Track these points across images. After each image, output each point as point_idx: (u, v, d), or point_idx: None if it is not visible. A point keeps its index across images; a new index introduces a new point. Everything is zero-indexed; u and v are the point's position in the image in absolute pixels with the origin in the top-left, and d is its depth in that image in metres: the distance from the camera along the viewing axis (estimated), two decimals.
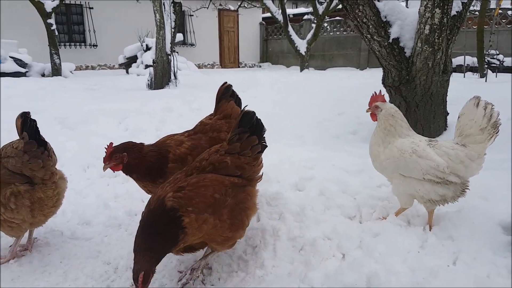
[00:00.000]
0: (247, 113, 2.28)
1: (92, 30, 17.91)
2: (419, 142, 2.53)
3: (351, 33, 19.64)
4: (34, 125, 2.46)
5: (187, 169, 2.22)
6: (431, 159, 2.42)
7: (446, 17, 3.97)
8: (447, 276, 2.06)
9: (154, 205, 1.98)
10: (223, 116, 2.83)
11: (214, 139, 2.67)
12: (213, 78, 13.41)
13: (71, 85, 10.16)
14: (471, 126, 2.45)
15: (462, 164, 2.43)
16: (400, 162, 2.49)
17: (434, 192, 2.45)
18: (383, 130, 2.58)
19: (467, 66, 12.21)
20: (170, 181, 2.12)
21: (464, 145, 2.47)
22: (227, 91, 2.88)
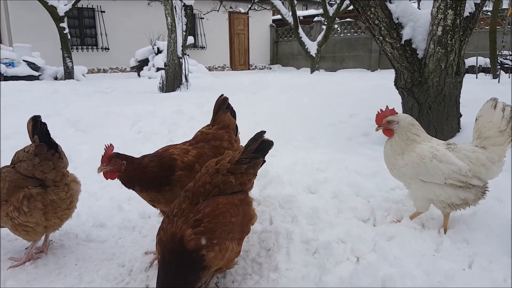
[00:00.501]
0: (266, 142, 2.23)
1: (104, 34, 18.13)
2: (438, 146, 2.50)
3: (362, 35, 19.56)
4: (44, 128, 2.49)
5: (189, 196, 2.09)
6: (453, 163, 2.40)
7: (459, 18, 3.94)
8: (462, 280, 2.04)
9: (172, 245, 1.87)
10: (222, 126, 2.88)
11: (217, 148, 2.73)
12: (223, 80, 13.48)
13: (84, 88, 10.28)
14: (489, 128, 2.43)
15: (484, 167, 2.41)
16: (420, 168, 2.45)
17: (456, 196, 2.43)
18: (405, 140, 2.52)
19: (479, 67, 12.07)
20: (176, 213, 2.00)
21: (484, 147, 2.45)
22: (224, 103, 2.94)
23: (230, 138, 2.85)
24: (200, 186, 2.11)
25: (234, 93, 9.16)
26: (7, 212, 2.42)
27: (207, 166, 2.24)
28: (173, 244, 1.87)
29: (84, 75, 14.27)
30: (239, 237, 2.14)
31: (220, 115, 2.90)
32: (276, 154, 4.31)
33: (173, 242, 1.87)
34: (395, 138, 2.56)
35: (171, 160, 2.51)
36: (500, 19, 13.44)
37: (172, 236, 1.89)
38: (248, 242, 2.67)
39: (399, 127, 2.55)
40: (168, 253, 1.87)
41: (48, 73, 13.52)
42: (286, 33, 23.41)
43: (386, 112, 2.60)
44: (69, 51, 13.12)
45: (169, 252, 1.87)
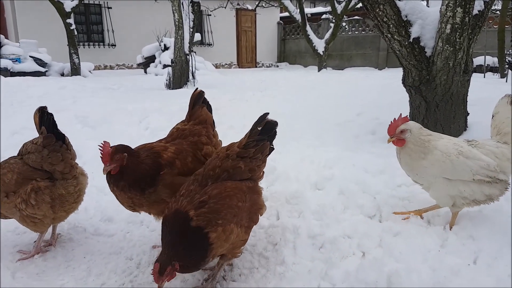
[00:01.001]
0: (270, 123, 2.31)
1: (111, 30, 18.20)
2: (460, 143, 2.51)
3: (370, 33, 19.48)
4: (51, 118, 2.49)
5: (199, 179, 2.15)
6: (480, 159, 2.41)
7: (467, 16, 3.93)
8: (468, 275, 2.06)
9: (174, 221, 1.93)
10: (199, 122, 2.78)
11: (195, 143, 2.64)
12: (230, 78, 13.51)
13: (91, 85, 10.34)
14: (507, 124, 2.47)
15: (509, 161, 2.44)
16: (445, 166, 2.43)
17: (481, 192, 2.44)
18: (422, 144, 2.49)
19: (487, 66, 12.00)
20: (183, 194, 2.06)
21: (506, 142, 2.48)
22: (200, 98, 2.86)
23: (208, 133, 2.76)
24: (210, 170, 2.17)
25: (241, 91, 9.23)
26: (15, 203, 2.43)
27: (218, 152, 2.31)
28: (175, 220, 1.93)
29: (91, 71, 14.33)
30: (247, 225, 2.17)
31: (196, 110, 2.82)
32: (284, 151, 4.34)
33: (175, 218, 1.94)
34: (410, 146, 2.52)
35: (158, 156, 2.42)
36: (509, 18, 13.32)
37: (175, 213, 1.95)
38: (255, 236, 2.70)
39: (411, 135, 2.51)
40: (169, 225, 1.94)
41: (54, 69, 13.62)
42: (294, 30, 23.36)
43: (398, 122, 2.55)
44: (75, 47, 13.19)
45: (171, 224, 1.93)
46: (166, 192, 2.36)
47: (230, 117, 6.09)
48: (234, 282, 2.30)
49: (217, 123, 5.58)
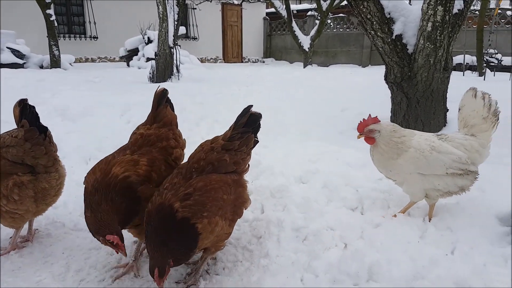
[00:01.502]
0: (255, 115, 2.32)
1: (93, 22, 17.84)
2: (432, 138, 2.58)
3: (354, 30, 19.68)
4: (34, 111, 2.42)
5: (183, 172, 2.12)
6: (452, 153, 2.48)
7: (448, 14, 4.03)
8: (445, 265, 2.13)
9: (159, 215, 1.91)
10: (164, 124, 2.55)
11: (165, 149, 2.43)
12: (216, 72, 13.43)
13: (71, 77, 10.12)
14: (474, 117, 2.56)
15: (478, 153, 2.53)
16: (420, 162, 2.49)
17: (454, 184, 2.52)
18: (394, 145, 2.53)
19: (466, 64, 12.27)
20: (166, 187, 2.03)
21: (473, 135, 2.56)
22: (164, 96, 2.61)
23: (175, 135, 2.57)
24: (194, 163, 2.16)
25: (227, 85, 9.20)
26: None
27: (202, 145, 2.29)
28: (159, 212, 1.91)
29: (72, 64, 14.00)
30: (231, 218, 2.19)
31: (161, 111, 2.57)
32: (269, 145, 4.37)
33: (160, 213, 1.91)
34: (382, 147, 2.56)
35: (124, 182, 2.13)
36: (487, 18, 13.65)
37: (159, 206, 1.93)
38: (239, 230, 2.73)
39: (381, 136, 2.56)
40: (154, 220, 1.92)
41: (33, 61, 13.25)
42: (280, 26, 23.38)
43: (368, 121, 2.60)
44: (55, 39, 12.87)
45: (156, 219, 1.91)
46: None
47: (216, 111, 6.09)
48: (217, 275, 2.30)
49: (203, 117, 5.68)
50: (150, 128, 2.49)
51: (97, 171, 2.17)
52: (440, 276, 2.05)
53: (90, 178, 2.16)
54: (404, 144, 2.52)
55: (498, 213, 2.65)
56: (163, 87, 2.67)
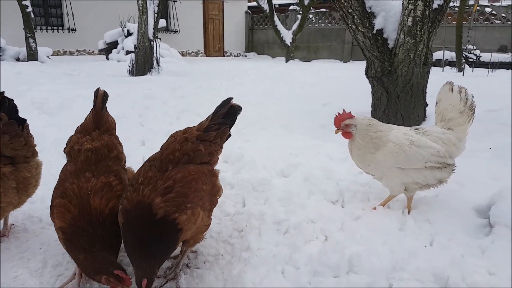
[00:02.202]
0: (234, 107, 2.28)
1: (71, 14, 17.42)
2: (410, 132, 2.60)
3: (336, 25, 19.78)
4: (12, 103, 2.39)
5: (156, 164, 2.03)
6: (430, 147, 2.51)
7: (428, 9, 4.07)
8: (424, 256, 2.16)
9: (138, 213, 1.82)
10: (106, 130, 2.36)
11: (117, 158, 2.28)
12: (198, 66, 13.33)
13: (49, 70, 9.90)
14: (450, 111, 2.60)
15: (455, 146, 2.57)
16: (399, 157, 2.50)
17: (433, 177, 2.55)
18: (371, 140, 2.53)
19: (446, 60, 12.50)
20: (142, 181, 1.93)
21: (450, 128, 2.60)
22: (106, 99, 2.43)
23: (117, 139, 2.41)
24: (169, 154, 2.08)
25: (208, 79, 9.15)
26: None
27: (174, 136, 2.21)
28: (139, 212, 1.83)
29: (49, 57, 13.70)
30: (209, 208, 2.16)
31: (103, 115, 2.39)
32: (252, 139, 4.37)
33: (139, 210, 1.83)
34: (358, 141, 2.57)
35: (112, 215, 1.99)
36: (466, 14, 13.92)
37: (138, 204, 1.85)
38: (220, 224, 2.71)
39: (357, 130, 2.57)
40: (133, 221, 1.83)
41: (9, 53, 12.88)
42: (262, 20, 23.31)
43: (343, 116, 2.60)
44: (32, 31, 12.54)
45: (135, 220, 1.83)
46: None
47: (197, 105, 6.04)
48: (198, 269, 2.28)
49: (183, 110, 5.63)
50: (93, 139, 2.28)
51: (71, 208, 1.96)
52: (419, 267, 2.08)
53: (64, 217, 1.95)
54: (381, 139, 2.53)
55: (475, 206, 2.70)
56: (103, 89, 2.45)
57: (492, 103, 5.50)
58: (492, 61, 11.17)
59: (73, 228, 1.93)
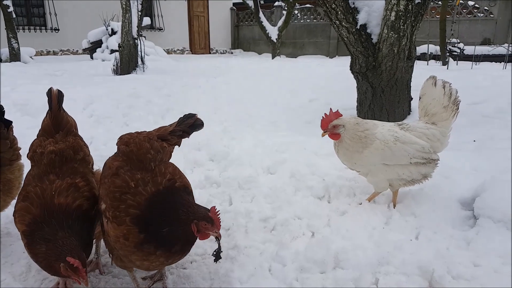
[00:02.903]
0: (200, 121, 2.30)
1: (54, 13, 17.12)
2: (395, 128, 2.59)
3: (321, 21, 19.80)
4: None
5: (134, 167, 1.93)
6: (416, 143, 2.50)
7: (411, 4, 4.09)
8: (410, 250, 2.18)
9: (164, 197, 1.80)
10: (68, 131, 2.25)
11: (84, 160, 2.17)
12: (183, 64, 13.23)
13: (32, 71, 9.74)
14: (434, 105, 2.59)
15: (439, 142, 2.57)
16: (385, 153, 2.49)
17: (418, 172, 2.55)
18: (359, 140, 2.51)
19: (430, 54, 12.61)
20: (136, 184, 1.83)
21: (434, 123, 2.60)
22: (62, 98, 2.32)
23: (84, 143, 2.31)
24: (145, 153, 1.99)
25: (194, 77, 9.08)
26: None
27: (133, 137, 2.10)
28: (164, 196, 1.81)
29: (32, 57, 13.45)
30: None
31: (62, 116, 2.27)
32: (238, 137, 4.35)
33: (161, 195, 1.81)
34: (347, 141, 2.53)
35: (79, 211, 1.92)
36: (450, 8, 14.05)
37: (157, 192, 1.80)
38: None
39: (345, 131, 2.53)
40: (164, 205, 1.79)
41: None
42: (247, 17, 23.21)
43: (331, 116, 2.54)
44: (14, 31, 12.30)
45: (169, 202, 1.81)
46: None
47: (183, 103, 5.99)
48: (185, 269, 2.28)
49: (169, 109, 5.58)
50: (56, 141, 2.17)
51: (33, 209, 1.86)
52: (404, 261, 2.09)
53: (25, 219, 1.84)
54: (368, 137, 2.51)
55: (460, 198, 2.73)
56: (57, 88, 2.35)
57: (476, 96, 5.56)
58: (476, 54, 11.31)
59: (33, 227, 1.83)
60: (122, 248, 1.77)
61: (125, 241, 1.73)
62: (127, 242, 1.73)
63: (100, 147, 4.05)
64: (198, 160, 3.70)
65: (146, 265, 1.84)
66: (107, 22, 14.80)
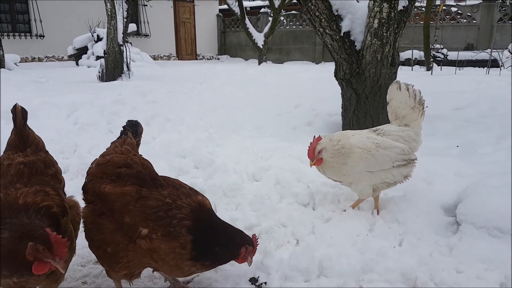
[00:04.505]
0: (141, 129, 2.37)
1: (39, 20, 16.94)
2: (372, 135, 2.65)
3: (307, 27, 19.96)
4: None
5: (136, 181, 1.92)
6: (395, 146, 2.57)
7: (393, 11, 4.13)
8: (393, 257, 2.18)
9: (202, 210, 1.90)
10: (37, 148, 2.14)
11: (55, 177, 2.05)
12: (169, 70, 13.19)
13: (16, 78, 9.63)
14: (403, 108, 2.70)
15: (415, 141, 2.66)
16: (369, 161, 2.53)
17: (400, 174, 2.62)
18: (338, 153, 2.56)
19: (414, 59, 12.79)
20: (174, 195, 1.89)
21: (407, 125, 2.69)
22: (26, 114, 2.22)
23: (56, 162, 2.18)
24: (153, 171, 2.02)
25: (180, 83, 9.05)
26: None
27: (114, 151, 2.09)
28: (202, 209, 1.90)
29: (17, 64, 13.30)
30: None
31: (28, 132, 2.17)
32: (223, 143, 4.33)
33: (199, 204, 1.90)
34: (329, 160, 2.58)
35: (48, 211, 1.75)
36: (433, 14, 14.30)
37: (193, 202, 1.89)
38: None
39: (326, 152, 2.58)
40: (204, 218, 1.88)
41: None
42: (234, 23, 23.30)
43: (314, 144, 2.61)
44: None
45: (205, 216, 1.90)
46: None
47: (168, 110, 5.96)
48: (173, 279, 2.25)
49: (154, 116, 5.55)
50: (26, 154, 2.03)
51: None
52: (388, 267, 2.09)
53: None
54: (345, 146, 2.57)
55: (443, 204, 2.75)
56: (19, 105, 2.21)
57: (459, 101, 5.64)
58: (459, 59, 11.50)
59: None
60: (175, 258, 1.81)
61: (181, 250, 1.78)
62: (183, 251, 1.79)
63: (84, 154, 4.00)
64: (183, 168, 3.67)
65: (192, 271, 1.90)
66: (93, 29, 14.71)
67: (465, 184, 2.82)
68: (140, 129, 2.31)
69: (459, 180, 3.06)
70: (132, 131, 2.25)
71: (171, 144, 4.28)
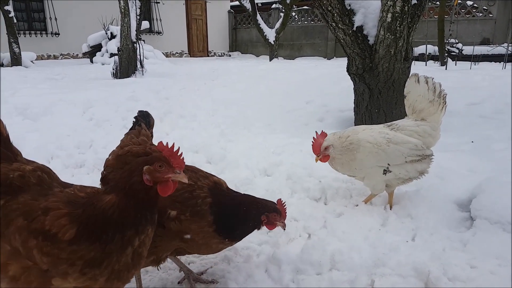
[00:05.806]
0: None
1: (54, 18, 17.21)
2: (385, 130, 2.62)
3: (319, 23, 19.85)
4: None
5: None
6: (408, 142, 2.53)
7: (407, 5, 4.09)
8: (406, 252, 2.17)
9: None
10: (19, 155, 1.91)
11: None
12: (182, 67, 13.27)
13: (32, 75, 9.81)
14: (420, 102, 2.63)
15: (431, 137, 2.61)
16: (379, 156, 2.52)
17: (414, 170, 2.58)
18: (347, 151, 2.55)
19: (428, 54, 12.61)
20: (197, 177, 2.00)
21: (423, 119, 2.63)
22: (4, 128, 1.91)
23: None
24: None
25: (192, 80, 9.11)
26: None
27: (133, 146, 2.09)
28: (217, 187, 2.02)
29: (33, 61, 13.56)
30: None
31: (11, 145, 1.78)
32: (234, 139, 4.36)
33: (215, 183, 2.04)
34: (338, 157, 2.58)
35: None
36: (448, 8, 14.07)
37: (209, 181, 2.01)
38: None
39: (334, 149, 2.57)
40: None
41: None
42: (245, 19, 23.30)
43: (319, 139, 2.60)
44: (15, 36, 12.38)
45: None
46: None
47: (181, 106, 6.01)
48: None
49: (167, 112, 5.60)
50: (25, 163, 1.74)
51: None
52: (400, 262, 2.09)
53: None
54: (353, 142, 2.55)
55: (456, 199, 2.73)
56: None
57: (474, 97, 5.56)
58: (475, 54, 11.31)
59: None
60: (204, 237, 1.90)
61: (209, 229, 1.87)
62: (211, 229, 1.87)
63: (100, 150, 4.07)
64: (195, 163, 3.67)
65: (220, 248, 2.01)
66: (107, 26, 14.88)
67: (478, 180, 2.78)
68: (152, 120, 2.33)
69: (473, 176, 3.04)
70: (145, 122, 2.27)
71: (184, 140, 4.33)
